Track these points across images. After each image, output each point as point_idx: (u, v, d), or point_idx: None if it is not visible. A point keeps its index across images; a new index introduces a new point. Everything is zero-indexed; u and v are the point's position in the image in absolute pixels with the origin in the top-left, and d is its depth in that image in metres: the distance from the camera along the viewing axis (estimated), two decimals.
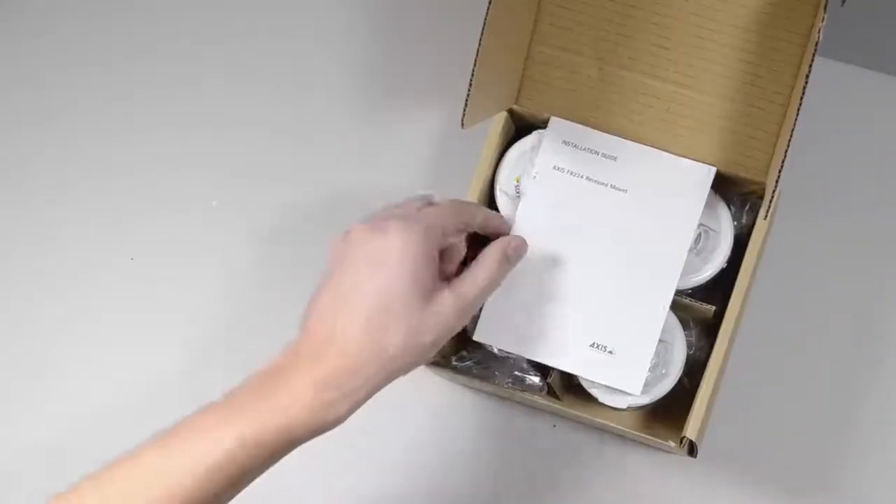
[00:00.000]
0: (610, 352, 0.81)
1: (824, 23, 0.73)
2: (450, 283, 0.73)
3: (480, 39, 0.76)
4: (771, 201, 0.76)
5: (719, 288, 0.84)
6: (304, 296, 0.70)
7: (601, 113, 0.85)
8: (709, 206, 0.84)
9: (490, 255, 0.76)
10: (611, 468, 0.90)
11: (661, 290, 0.81)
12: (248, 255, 0.96)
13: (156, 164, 0.98)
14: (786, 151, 0.74)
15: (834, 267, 0.91)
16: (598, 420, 0.83)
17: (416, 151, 0.95)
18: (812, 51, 0.73)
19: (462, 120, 0.77)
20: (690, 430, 0.79)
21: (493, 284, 0.75)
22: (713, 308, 0.83)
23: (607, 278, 0.82)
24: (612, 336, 0.81)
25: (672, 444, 0.80)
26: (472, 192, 0.85)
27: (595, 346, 0.81)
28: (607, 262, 0.82)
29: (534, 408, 0.89)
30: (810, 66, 0.73)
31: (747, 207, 0.84)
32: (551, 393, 0.84)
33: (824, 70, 0.76)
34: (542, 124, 0.86)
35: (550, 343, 0.82)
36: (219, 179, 0.97)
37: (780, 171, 0.74)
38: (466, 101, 0.76)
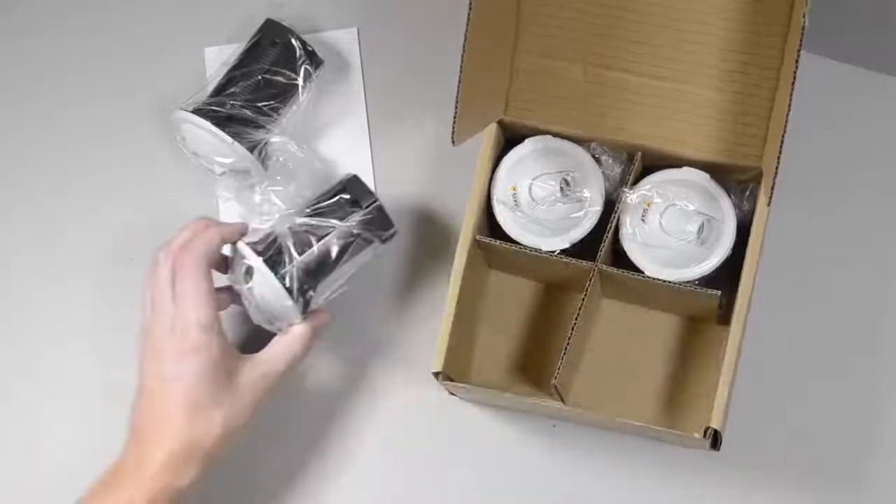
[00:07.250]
0: None
1: (808, 7, 0.72)
2: (258, 361, 0.80)
3: (462, 57, 0.76)
4: (772, 187, 0.76)
5: (724, 277, 0.84)
6: None
7: (591, 116, 0.85)
8: (709, 196, 0.84)
9: (300, 333, 0.82)
10: (612, 467, 0.89)
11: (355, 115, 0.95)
12: None
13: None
14: (782, 136, 0.74)
15: (841, 258, 0.90)
16: (616, 418, 0.82)
17: (412, 166, 0.95)
18: (799, 34, 0.73)
19: (452, 137, 0.77)
20: (714, 420, 0.78)
21: (299, 360, 0.82)
22: (718, 292, 0.82)
23: None
24: None
25: (697, 435, 0.80)
26: (471, 205, 0.84)
27: None
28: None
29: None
30: (798, 50, 0.73)
31: (747, 194, 0.84)
32: (557, 395, 0.83)
33: (807, 63, 0.76)
34: (532, 133, 0.86)
35: None
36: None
37: (779, 155, 0.74)
38: (455, 118, 0.76)
